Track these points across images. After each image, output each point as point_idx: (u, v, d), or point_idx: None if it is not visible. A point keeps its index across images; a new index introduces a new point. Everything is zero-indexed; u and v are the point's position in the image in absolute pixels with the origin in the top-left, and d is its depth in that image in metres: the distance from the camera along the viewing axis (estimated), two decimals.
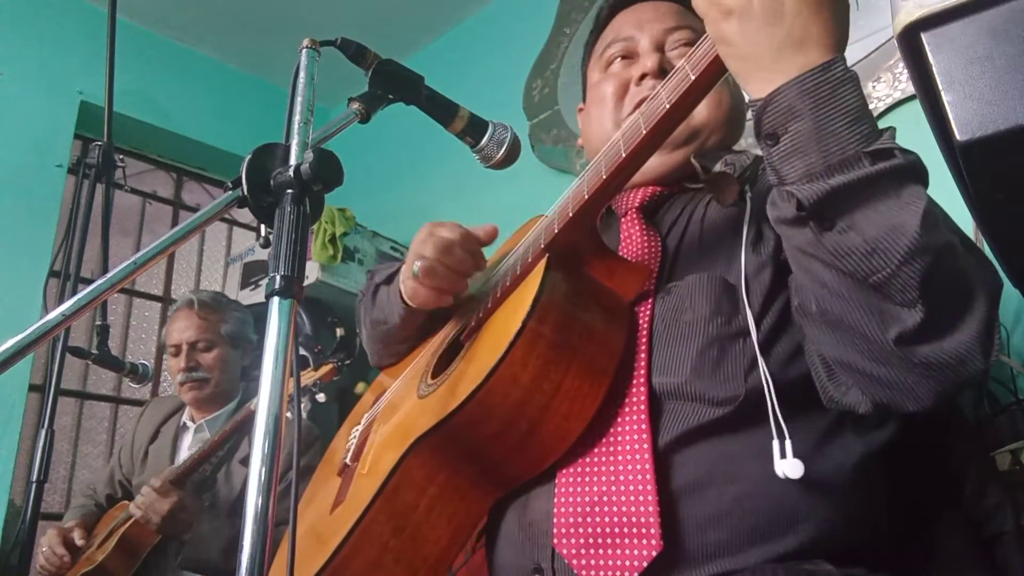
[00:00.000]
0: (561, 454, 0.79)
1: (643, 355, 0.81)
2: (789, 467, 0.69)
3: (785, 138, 0.66)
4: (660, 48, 1.01)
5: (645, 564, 0.70)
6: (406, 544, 0.81)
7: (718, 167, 0.88)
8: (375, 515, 0.81)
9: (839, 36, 0.67)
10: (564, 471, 0.79)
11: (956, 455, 0.92)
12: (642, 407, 0.77)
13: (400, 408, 0.99)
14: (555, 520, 0.77)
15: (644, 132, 0.76)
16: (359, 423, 1.12)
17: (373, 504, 0.81)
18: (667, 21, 1.03)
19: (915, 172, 0.65)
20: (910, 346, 0.64)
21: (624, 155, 0.78)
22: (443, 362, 0.97)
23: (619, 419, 0.79)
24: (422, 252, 0.93)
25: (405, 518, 0.82)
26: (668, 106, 0.74)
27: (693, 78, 0.73)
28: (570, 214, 0.82)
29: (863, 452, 0.78)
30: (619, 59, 1.05)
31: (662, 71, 0.98)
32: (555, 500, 0.78)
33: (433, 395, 0.89)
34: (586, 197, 0.81)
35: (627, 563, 0.71)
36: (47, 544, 1.93)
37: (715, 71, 0.72)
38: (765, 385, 0.74)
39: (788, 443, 0.70)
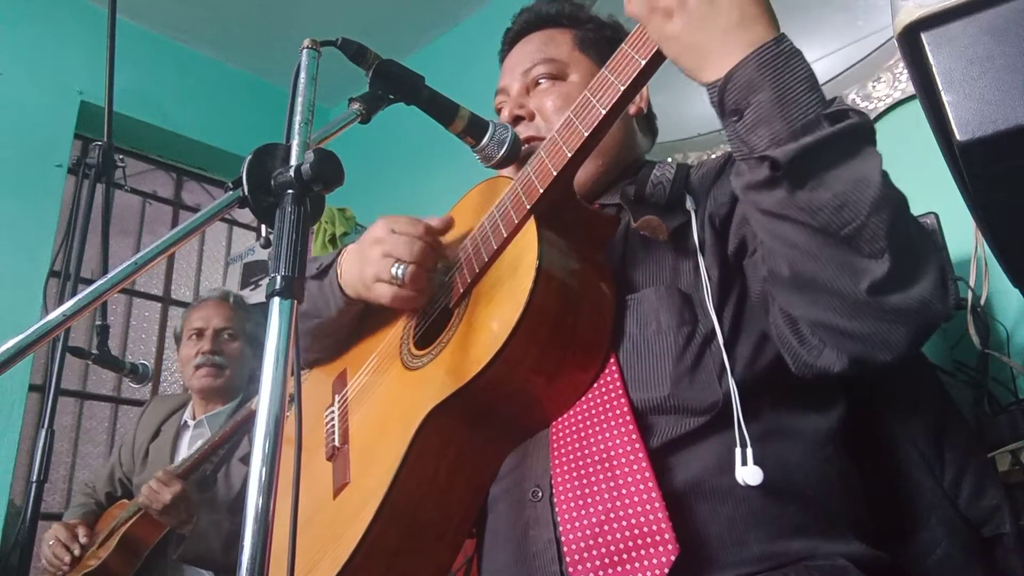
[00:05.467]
0: (576, 399, 0.84)
1: (615, 372, 0.83)
2: (749, 474, 0.73)
3: (748, 111, 0.69)
4: (526, 91, 1.08)
5: (666, 571, 0.71)
6: (431, 511, 0.85)
7: (647, 189, 0.92)
8: (401, 487, 0.83)
9: (772, 14, 0.71)
10: (563, 496, 0.79)
11: (953, 451, 0.92)
12: (628, 418, 0.79)
13: (383, 385, 0.99)
14: (565, 548, 0.76)
15: (620, 89, 0.79)
16: (327, 408, 1.12)
17: (397, 477, 0.82)
18: (524, 62, 1.08)
19: (868, 132, 0.70)
20: (881, 296, 0.67)
21: (604, 113, 0.81)
22: (431, 333, 0.97)
23: (607, 435, 0.80)
24: (397, 254, 0.92)
25: (430, 486, 0.85)
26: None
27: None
28: (554, 173, 0.85)
29: (828, 429, 0.84)
30: (503, 110, 1.11)
31: (517, 118, 1.06)
32: (561, 527, 0.78)
33: (433, 364, 0.91)
34: (569, 155, 0.84)
35: (648, 574, 0.71)
36: (54, 538, 1.93)
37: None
38: (732, 390, 0.78)
39: (749, 451, 0.74)
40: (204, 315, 2.18)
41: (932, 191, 1.15)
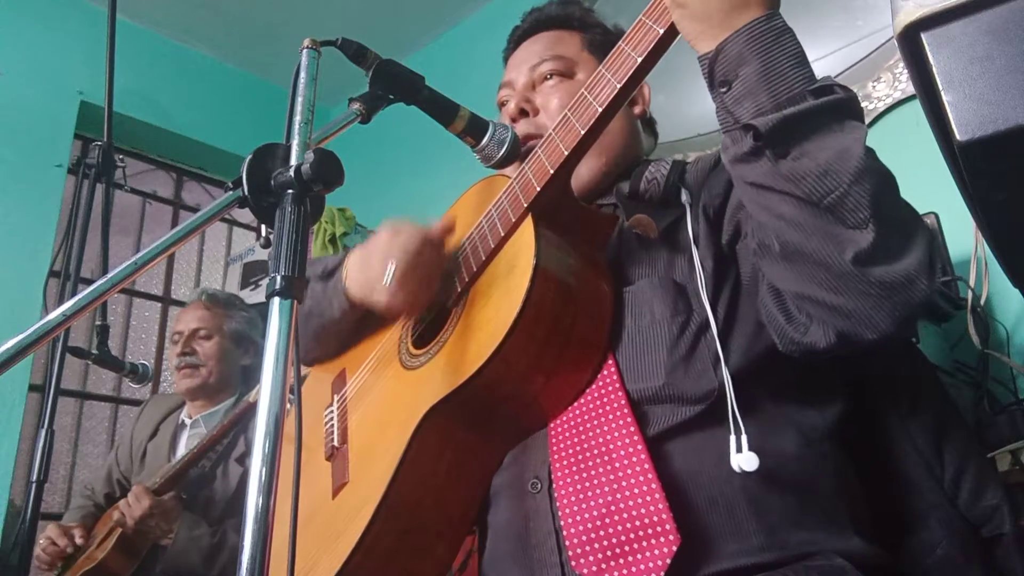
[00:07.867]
0: (574, 399, 0.84)
1: (611, 363, 0.83)
2: (744, 460, 0.74)
3: (736, 83, 0.72)
4: (532, 86, 1.08)
5: (668, 561, 0.71)
6: (430, 511, 0.85)
7: (642, 185, 0.93)
8: (399, 487, 0.83)
9: None
10: (563, 489, 0.80)
11: (953, 451, 0.92)
12: (625, 410, 0.79)
13: (381, 384, 1.00)
14: (567, 540, 0.77)
15: (617, 86, 0.80)
16: (326, 408, 1.12)
17: (396, 477, 0.82)
18: (533, 58, 1.09)
19: (853, 107, 0.72)
20: (866, 267, 0.68)
21: (600, 111, 0.81)
22: (429, 332, 0.97)
23: (605, 427, 0.80)
24: (392, 258, 0.91)
25: (428, 485, 0.85)
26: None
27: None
28: (551, 171, 0.85)
29: (826, 426, 0.85)
30: (507, 103, 1.10)
31: (521, 112, 1.06)
32: (562, 520, 0.78)
33: (430, 364, 0.91)
34: (565, 153, 0.84)
35: (650, 564, 0.72)
36: (46, 536, 1.94)
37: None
38: (725, 378, 0.79)
39: (744, 438, 0.75)
40: (183, 319, 2.23)
41: (932, 191, 1.15)
